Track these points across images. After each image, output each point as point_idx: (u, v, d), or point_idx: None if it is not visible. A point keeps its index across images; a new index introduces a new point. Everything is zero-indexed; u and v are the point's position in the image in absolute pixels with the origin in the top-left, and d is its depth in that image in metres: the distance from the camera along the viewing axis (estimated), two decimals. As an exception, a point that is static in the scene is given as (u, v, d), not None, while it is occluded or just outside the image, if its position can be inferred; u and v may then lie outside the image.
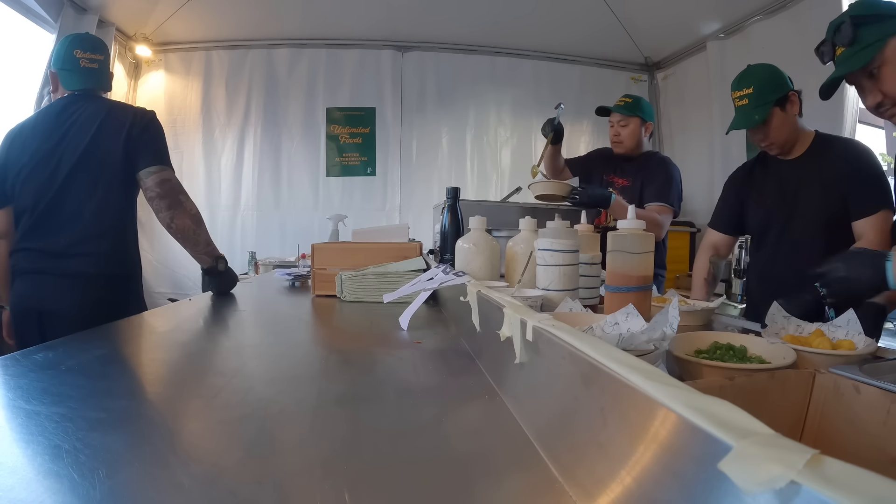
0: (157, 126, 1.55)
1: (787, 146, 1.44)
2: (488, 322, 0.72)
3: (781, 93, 1.39)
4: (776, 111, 1.38)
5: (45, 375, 0.70)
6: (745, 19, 3.01)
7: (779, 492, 0.20)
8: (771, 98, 1.38)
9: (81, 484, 0.40)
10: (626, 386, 0.33)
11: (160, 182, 1.45)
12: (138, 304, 1.50)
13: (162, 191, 1.44)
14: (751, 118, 1.39)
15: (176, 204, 1.45)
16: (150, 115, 1.55)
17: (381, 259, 1.49)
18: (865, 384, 0.51)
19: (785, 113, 1.40)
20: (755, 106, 1.38)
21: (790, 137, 1.42)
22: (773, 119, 1.39)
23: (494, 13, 3.45)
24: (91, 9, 2.94)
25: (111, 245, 1.45)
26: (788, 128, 1.41)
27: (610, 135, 2.15)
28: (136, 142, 1.46)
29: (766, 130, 1.41)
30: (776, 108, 1.38)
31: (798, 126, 1.43)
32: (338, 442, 0.51)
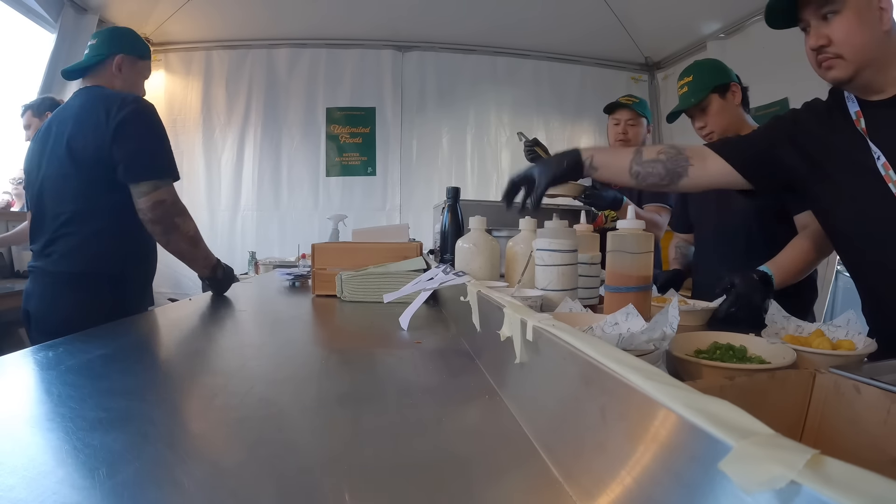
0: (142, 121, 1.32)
1: (726, 134, 1.38)
2: (488, 322, 0.72)
3: (721, 81, 1.40)
4: (714, 97, 1.40)
5: (45, 375, 0.70)
6: (746, 19, 3.01)
7: (779, 492, 0.20)
8: (709, 84, 1.39)
9: (81, 484, 0.40)
10: (626, 386, 0.33)
11: (153, 205, 1.28)
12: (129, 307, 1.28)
13: (155, 216, 1.29)
14: (687, 100, 1.41)
15: (171, 228, 1.32)
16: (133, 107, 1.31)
17: (381, 259, 1.49)
18: (865, 384, 0.51)
19: (724, 101, 1.40)
20: (693, 91, 1.41)
21: (730, 127, 1.40)
22: (710, 105, 1.40)
23: (494, 13, 3.45)
24: (91, 9, 2.94)
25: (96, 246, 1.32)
26: (728, 117, 1.40)
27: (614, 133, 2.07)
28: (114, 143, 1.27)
29: (704, 117, 1.42)
30: (714, 95, 1.40)
31: (742, 119, 1.42)
32: (338, 442, 0.51)
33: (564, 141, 4.02)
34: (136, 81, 1.52)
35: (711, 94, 1.39)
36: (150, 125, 1.35)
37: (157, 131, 1.36)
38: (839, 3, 0.87)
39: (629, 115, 2.02)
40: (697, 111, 1.43)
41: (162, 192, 1.30)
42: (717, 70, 1.44)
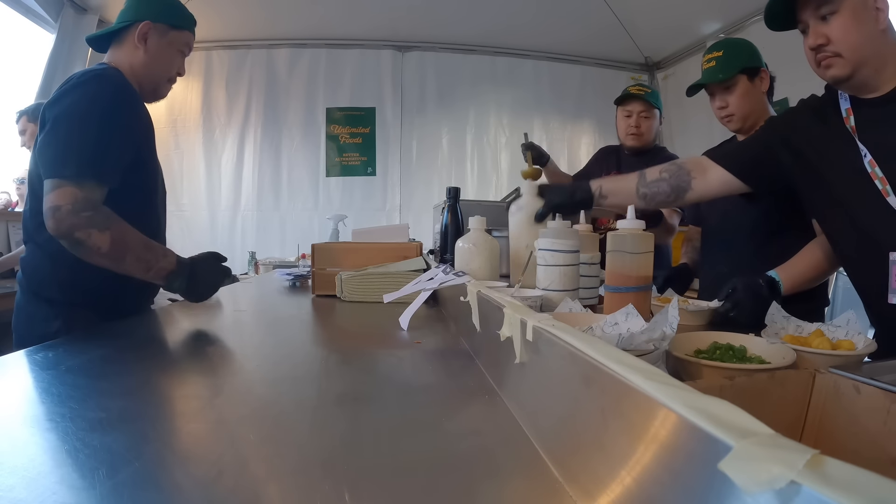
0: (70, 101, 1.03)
1: (747, 122, 1.34)
2: (488, 322, 0.72)
3: (752, 63, 1.33)
4: (742, 78, 1.32)
5: (45, 375, 0.70)
6: (745, 19, 3.01)
7: (779, 492, 0.20)
8: (740, 64, 1.31)
9: (81, 484, 0.40)
10: (626, 386, 0.33)
11: (50, 210, 0.97)
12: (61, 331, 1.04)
13: (53, 224, 0.97)
14: (714, 75, 1.32)
15: (75, 245, 0.99)
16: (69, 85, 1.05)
17: (381, 259, 1.49)
18: (865, 384, 0.51)
19: (752, 85, 1.33)
20: (722, 67, 1.32)
21: (752, 113, 1.33)
22: (737, 86, 1.32)
23: (494, 13, 3.45)
24: (91, 8, 2.94)
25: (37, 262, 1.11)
26: (752, 103, 1.33)
27: (625, 126, 1.93)
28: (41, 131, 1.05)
29: (727, 97, 1.33)
30: (743, 76, 1.31)
31: (765, 108, 1.36)
32: (338, 442, 0.51)
33: (564, 141, 4.02)
34: (167, 57, 1.22)
35: (740, 74, 1.31)
36: (75, 109, 1.03)
37: (83, 117, 1.02)
38: (836, 3, 0.89)
39: (642, 106, 1.89)
40: (721, 89, 1.33)
41: (59, 195, 0.97)
42: (749, 51, 1.35)
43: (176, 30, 1.23)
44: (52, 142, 1.01)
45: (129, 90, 1.12)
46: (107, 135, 1.04)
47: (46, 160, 1.01)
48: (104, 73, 1.09)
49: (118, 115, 1.07)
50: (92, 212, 0.99)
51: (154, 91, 1.24)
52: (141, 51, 1.18)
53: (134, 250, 1.05)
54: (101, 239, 1.00)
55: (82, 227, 0.97)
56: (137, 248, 1.06)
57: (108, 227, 1.00)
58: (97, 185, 1.01)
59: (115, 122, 1.06)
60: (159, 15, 1.20)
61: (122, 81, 1.11)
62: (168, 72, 1.24)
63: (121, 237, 1.02)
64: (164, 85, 1.26)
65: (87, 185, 1.00)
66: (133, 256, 1.05)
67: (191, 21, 1.28)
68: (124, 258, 1.04)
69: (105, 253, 1.01)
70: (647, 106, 1.89)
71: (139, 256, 1.06)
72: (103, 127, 1.04)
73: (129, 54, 1.18)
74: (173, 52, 1.24)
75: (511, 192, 2.66)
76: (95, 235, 0.99)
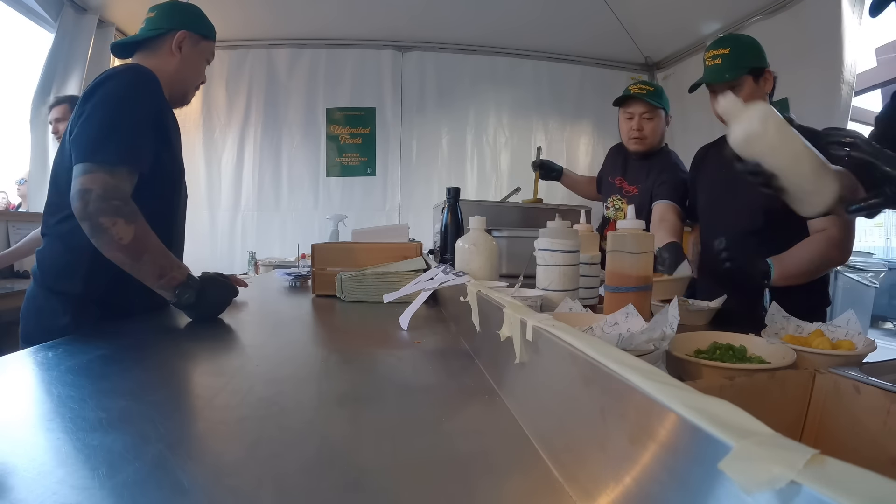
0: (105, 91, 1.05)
1: None
2: (488, 322, 0.72)
3: (758, 63, 1.30)
4: (748, 79, 1.29)
5: (45, 375, 0.70)
6: (745, 19, 3.01)
7: (779, 492, 0.20)
8: (747, 64, 1.28)
9: (82, 484, 0.40)
10: (626, 386, 0.33)
11: (75, 195, 0.97)
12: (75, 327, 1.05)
13: (77, 208, 0.97)
14: (720, 75, 1.29)
15: (97, 230, 0.97)
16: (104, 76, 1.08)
17: (381, 259, 1.49)
18: (865, 384, 0.51)
19: (757, 86, 1.31)
20: (729, 66, 1.28)
21: None
22: (743, 86, 1.29)
23: (494, 13, 3.45)
24: (91, 8, 2.94)
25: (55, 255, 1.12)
26: None
27: (626, 129, 1.81)
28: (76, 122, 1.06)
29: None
30: (749, 77, 1.29)
31: None
32: (338, 442, 0.51)
33: (564, 141, 4.02)
34: (197, 65, 1.30)
35: (747, 75, 1.28)
36: (111, 96, 1.05)
37: (120, 104, 1.05)
38: None
39: (644, 107, 1.76)
40: (725, 88, 1.29)
41: (90, 179, 0.97)
42: (756, 50, 1.32)
43: (206, 40, 1.31)
44: (86, 128, 1.02)
45: (159, 85, 1.14)
46: (141, 121, 1.07)
47: (80, 145, 1.01)
48: (141, 68, 1.13)
49: (153, 104, 1.11)
50: (120, 202, 0.99)
51: (183, 97, 1.31)
52: (176, 58, 1.24)
53: (152, 252, 1.03)
54: (125, 230, 0.98)
55: (109, 213, 0.97)
56: (156, 251, 1.04)
57: (134, 222, 1.00)
58: (128, 173, 1.02)
59: (149, 111, 1.10)
60: (194, 25, 1.27)
61: (152, 77, 1.13)
62: (198, 78, 1.32)
63: (143, 235, 1.01)
64: (192, 91, 1.33)
65: (118, 172, 1.00)
66: (150, 258, 1.03)
67: (214, 32, 1.35)
68: (141, 257, 1.01)
69: (125, 246, 0.99)
70: (650, 107, 1.76)
71: (155, 260, 1.03)
72: (138, 113, 1.07)
73: (163, 61, 1.22)
74: (202, 60, 1.31)
75: (511, 192, 2.67)
76: (120, 225, 0.98)
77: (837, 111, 2.43)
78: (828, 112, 2.40)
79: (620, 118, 1.85)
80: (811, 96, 2.52)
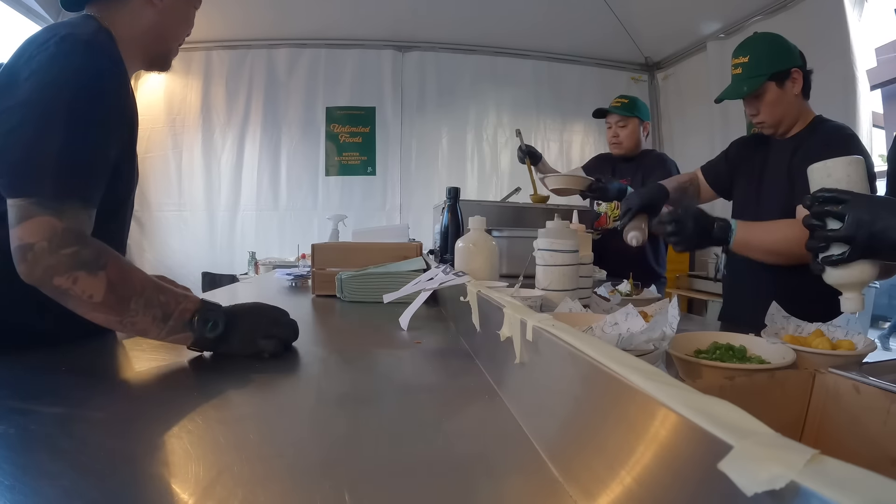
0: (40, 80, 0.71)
1: (781, 128, 1.31)
2: (488, 322, 0.72)
3: (780, 67, 1.26)
4: (770, 86, 1.26)
5: (45, 375, 0.70)
6: (746, 19, 3.01)
7: (779, 492, 0.20)
8: (766, 71, 1.25)
9: (81, 484, 0.40)
10: (626, 386, 0.33)
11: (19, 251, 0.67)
12: None
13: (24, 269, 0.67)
14: (739, 89, 1.28)
15: (58, 295, 0.69)
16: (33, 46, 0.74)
17: (381, 259, 1.49)
18: (865, 384, 0.51)
19: (782, 90, 1.26)
20: (747, 77, 1.27)
21: (785, 118, 1.29)
22: (766, 94, 1.27)
23: (495, 13, 3.45)
24: (91, 8, 2.94)
25: None
26: (784, 107, 1.28)
27: (608, 136, 2.15)
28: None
29: (757, 105, 1.29)
30: (771, 83, 1.26)
31: (798, 109, 1.30)
32: (337, 442, 0.51)
33: (563, 141, 4.03)
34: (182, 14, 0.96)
35: (768, 82, 1.25)
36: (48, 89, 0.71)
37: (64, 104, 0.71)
38: None
39: (616, 117, 2.09)
40: (751, 97, 1.28)
41: (29, 230, 0.67)
42: (776, 52, 1.28)
43: None
44: (13, 144, 0.69)
45: (121, 66, 0.81)
46: (99, 128, 0.74)
47: (5, 170, 0.69)
48: (92, 39, 0.77)
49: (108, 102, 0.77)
50: (76, 246, 0.68)
51: (164, 58, 0.97)
52: (154, 8, 0.90)
53: (141, 293, 0.72)
54: (93, 284, 0.68)
55: (64, 269, 0.67)
56: (146, 289, 0.73)
57: (102, 266, 0.69)
58: (82, 207, 0.71)
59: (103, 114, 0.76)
60: None
61: (113, 51, 0.80)
62: (184, 32, 0.98)
63: (119, 278, 0.71)
64: (175, 50, 1.00)
65: (68, 209, 0.69)
66: (141, 302, 0.72)
67: None
68: (128, 306, 0.71)
69: (100, 302, 0.69)
70: (621, 117, 2.07)
71: (149, 300, 0.73)
72: (95, 114, 0.74)
73: (135, 13, 0.89)
74: (189, 7, 0.97)
75: (511, 192, 2.67)
76: (83, 280, 0.68)
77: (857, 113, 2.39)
78: (842, 112, 2.36)
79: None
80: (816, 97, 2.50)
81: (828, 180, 0.78)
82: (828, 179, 0.78)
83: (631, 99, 2.13)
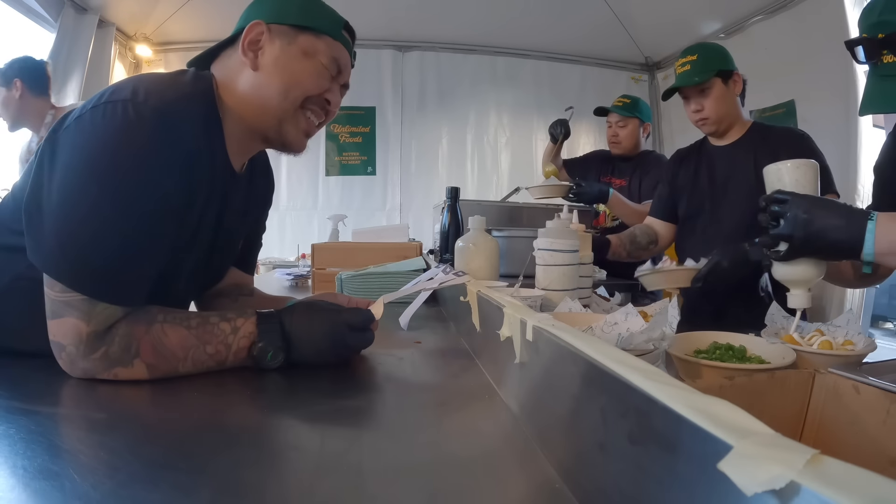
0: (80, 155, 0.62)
1: (722, 125, 1.41)
2: (488, 322, 0.72)
3: (726, 66, 1.37)
4: (717, 82, 1.36)
5: (45, 375, 0.70)
6: (746, 19, 3.01)
7: (779, 492, 0.20)
8: (714, 67, 1.36)
9: (81, 484, 0.40)
10: (626, 386, 0.33)
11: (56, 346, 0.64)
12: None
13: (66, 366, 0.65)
14: (690, 78, 1.37)
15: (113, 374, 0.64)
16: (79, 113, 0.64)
17: (381, 259, 1.49)
18: (865, 384, 0.51)
19: (727, 88, 1.37)
20: (697, 71, 1.36)
21: (727, 116, 1.39)
22: (713, 89, 1.36)
23: (494, 13, 3.45)
24: (91, 9, 2.93)
25: None
26: (727, 106, 1.38)
27: (608, 135, 2.17)
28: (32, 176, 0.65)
29: (702, 100, 1.38)
30: (718, 79, 1.36)
31: (737, 110, 1.41)
32: (337, 442, 0.51)
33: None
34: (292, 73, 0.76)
35: (715, 77, 1.36)
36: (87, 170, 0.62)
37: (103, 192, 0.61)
38: None
39: (616, 117, 2.10)
40: (696, 92, 1.38)
41: (61, 329, 0.63)
42: (722, 55, 1.40)
43: (309, 33, 0.77)
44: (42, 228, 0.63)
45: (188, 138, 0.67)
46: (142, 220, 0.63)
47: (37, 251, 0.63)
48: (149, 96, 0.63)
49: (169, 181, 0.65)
50: (104, 347, 0.63)
51: (278, 134, 0.78)
52: (246, 69, 0.76)
53: (185, 357, 0.67)
54: (133, 373, 0.65)
55: (101, 371, 0.64)
56: (190, 350, 0.67)
57: (136, 355, 0.64)
58: (115, 309, 0.64)
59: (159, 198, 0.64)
60: (276, 14, 0.77)
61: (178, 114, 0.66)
62: (297, 92, 0.76)
63: (156, 355, 0.65)
64: (293, 119, 0.77)
65: (97, 313, 0.63)
66: (188, 365, 0.67)
67: (336, 23, 0.80)
68: (176, 370, 0.67)
69: (147, 377, 0.66)
70: (621, 117, 2.09)
71: (197, 360, 0.68)
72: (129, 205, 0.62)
73: (233, 73, 0.77)
74: (308, 65, 0.76)
75: (511, 192, 2.67)
76: (123, 373, 0.64)
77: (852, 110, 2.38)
78: (842, 113, 2.36)
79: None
80: (819, 98, 2.50)
81: (778, 183, 0.81)
82: (778, 183, 0.81)
83: (633, 99, 2.15)
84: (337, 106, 0.83)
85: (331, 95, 0.80)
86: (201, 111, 0.71)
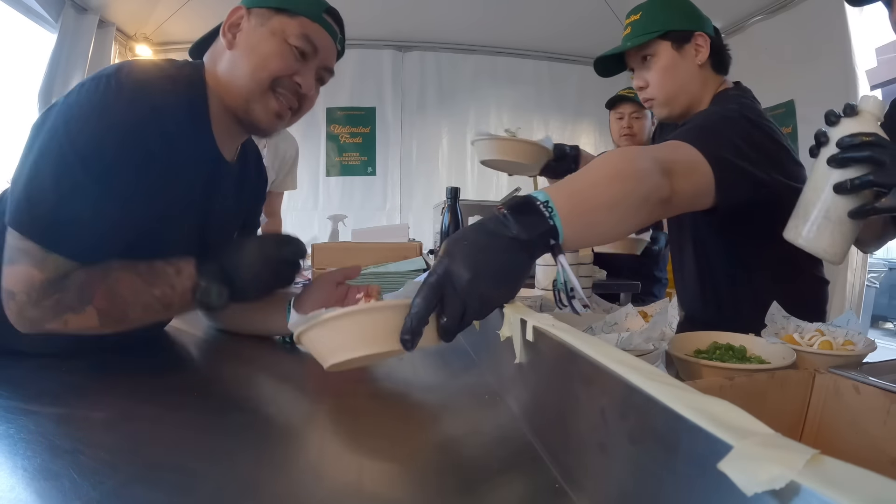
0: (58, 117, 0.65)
1: (674, 105, 1.00)
2: (488, 322, 0.72)
3: (677, 26, 0.97)
4: (663, 46, 0.96)
5: (44, 375, 0.70)
6: (746, 19, 3.01)
7: (779, 492, 0.20)
8: (657, 27, 0.96)
9: (81, 484, 0.40)
10: (626, 386, 0.33)
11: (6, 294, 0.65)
12: None
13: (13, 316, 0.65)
14: (622, 44, 1.01)
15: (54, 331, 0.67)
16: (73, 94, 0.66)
17: (381, 259, 1.48)
18: (865, 384, 0.51)
19: (679, 55, 0.97)
20: (635, 35, 0.99)
21: (681, 93, 0.98)
22: (656, 56, 0.97)
23: (495, 13, 3.45)
24: (91, 9, 2.94)
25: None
26: (681, 79, 0.98)
27: (618, 128, 1.93)
28: None
29: (645, 74, 0.99)
30: (664, 42, 0.96)
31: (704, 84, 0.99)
32: (337, 442, 0.51)
33: (564, 141, 4.01)
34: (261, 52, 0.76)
35: (660, 39, 0.96)
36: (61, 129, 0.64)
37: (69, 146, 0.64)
38: None
39: (633, 108, 1.88)
40: (639, 62, 1.00)
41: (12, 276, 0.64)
42: (677, 9, 0.99)
43: (281, 13, 0.77)
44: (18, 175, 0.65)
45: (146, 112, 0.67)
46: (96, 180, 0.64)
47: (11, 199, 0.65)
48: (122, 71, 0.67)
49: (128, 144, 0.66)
50: (57, 294, 0.64)
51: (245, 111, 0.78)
52: (227, 50, 0.77)
53: (136, 301, 0.68)
54: (84, 319, 0.66)
55: (51, 317, 0.65)
56: (139, 293, 0.68)
57: (88, 300, 0.65)
58: (64, 262, 0.65)
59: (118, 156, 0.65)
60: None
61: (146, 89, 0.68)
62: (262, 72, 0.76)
63: (109, 300, 0.66)
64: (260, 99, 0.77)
65: (48, 263, 0.64)
66: (139, 309, 0.69)
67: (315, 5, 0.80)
68: (126, 317, 0.69)
69: (97, 327, 0.67)
70: (637, 107, 1.88)
71: (147, 304, 0.69)
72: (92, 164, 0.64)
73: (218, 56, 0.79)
74: (274, 45, 0.76)
75: (511, 192, 2.67)
76: (74, 320, 0.65)
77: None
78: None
79: (611, 119, 1.96)
80: (819, 98, 2.50)
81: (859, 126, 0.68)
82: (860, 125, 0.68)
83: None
84: (310, 89, 0.83)
85: (301, 78, 0.80)
86: (184, 91, 0.73)
